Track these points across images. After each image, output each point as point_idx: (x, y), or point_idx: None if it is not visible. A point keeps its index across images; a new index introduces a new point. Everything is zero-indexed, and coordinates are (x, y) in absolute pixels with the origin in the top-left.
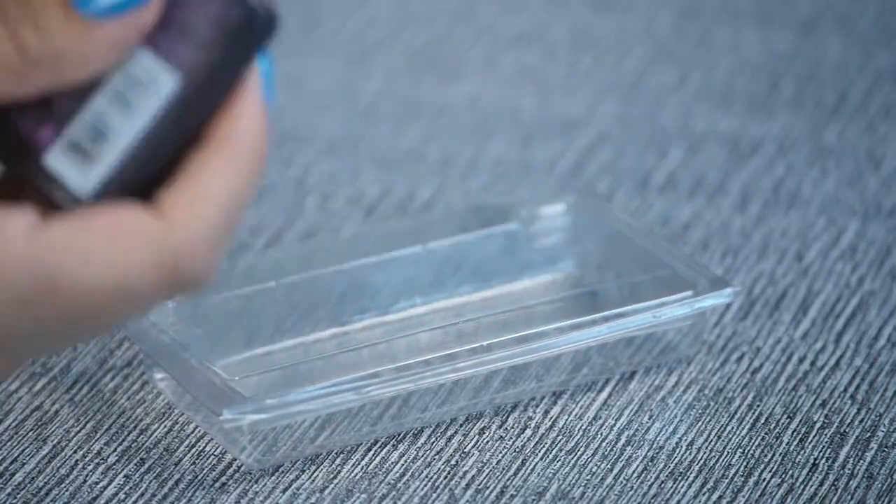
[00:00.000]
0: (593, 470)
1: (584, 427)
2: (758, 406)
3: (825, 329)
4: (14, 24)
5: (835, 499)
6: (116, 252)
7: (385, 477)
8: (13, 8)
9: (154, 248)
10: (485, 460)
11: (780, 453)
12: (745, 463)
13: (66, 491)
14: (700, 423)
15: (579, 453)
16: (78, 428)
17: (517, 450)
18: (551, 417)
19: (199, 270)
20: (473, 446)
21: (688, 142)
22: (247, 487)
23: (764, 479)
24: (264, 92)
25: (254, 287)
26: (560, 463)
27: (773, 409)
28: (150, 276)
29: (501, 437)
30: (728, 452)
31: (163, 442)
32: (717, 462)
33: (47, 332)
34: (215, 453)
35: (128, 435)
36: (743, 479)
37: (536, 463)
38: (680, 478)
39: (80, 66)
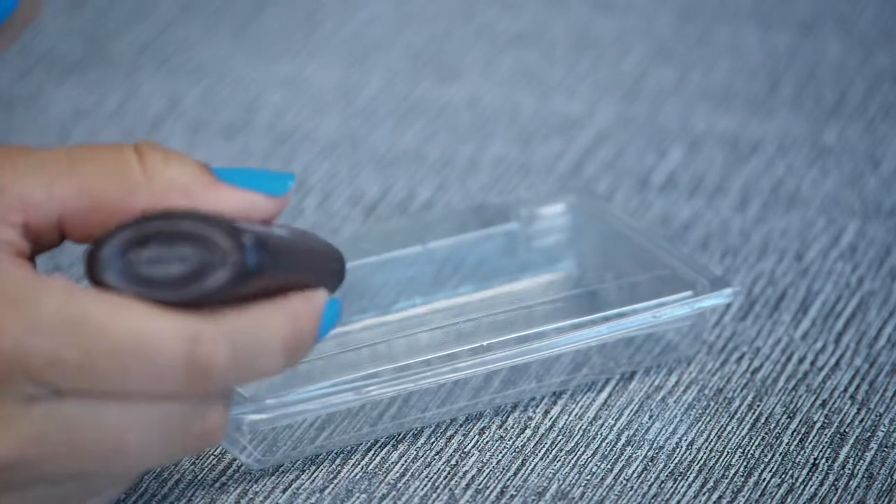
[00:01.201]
0: (593, 470)
1: (584, 427)
2: (758, 406)
3: (825, 329)
4: (146, 157)
5: (835, 499)
6: (143, 312)
7: (385, 477)
8: (150, 151)
9: (178, 322)
10: (485, 460)
11: (780, 453)
12: (745, 463)
13: None
14: (700, 423)
15: (579, 453)
16: None
17: (517, 450)
18: (551, 417)
19: (213, 365)
20: (473, 446)
21: (687, 142)
22: (247, 487)
23: (764, 479)
24: (323, 320)
25: None
26: (560, 463)
27: (773, 409)
28: (169, 341)
29: (501, 437)
30: (728, 452)
31: None
32: (717, 462)
33: (76, 379)
34: (215, 453)
35: None
36: (743, 479)
37: (536, 463)
38: (680, 478)
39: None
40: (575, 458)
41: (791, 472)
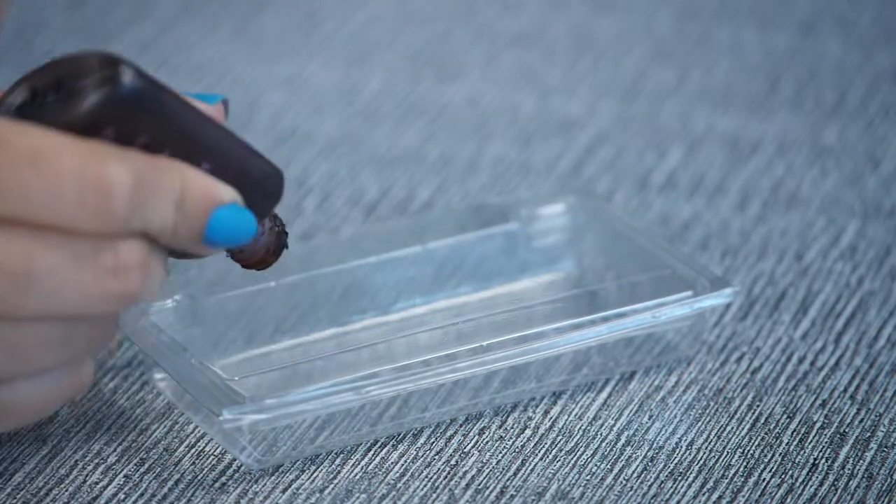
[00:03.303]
0: (593, 470)
1: (584, 427)
2: (758, 406)
3: (825, 329)
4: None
5: (835, 499)
6: (43, 131)
7: (385, 477)
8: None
9: (78, 140)
10: (485, 460)
11: (780, 453)
12: (745, 463)
13: (66, 491)
14: (700, 423)
15: (579, 453)
16: (78, 428)
17: (517, 450)
18: (551, 417)
19: (114, 186)
20: (473, 446)
21: (687, 142)
22: (247, 487)
23: (764, 479)
24: (221, 220)
25: (253, 287)
26: (560, 463)
27: (773, 409)
28: (68, 154)
29: (501, 437)
30: (728, 452)
31: (162, 442)
32: (717, 462)
33: None
34: (215, 453)
35: (127, 435)
36: (743, 479)
37: (536, 463)
38: (680, 478)
39: None
40: (575, 458)
41: (791, 472)
